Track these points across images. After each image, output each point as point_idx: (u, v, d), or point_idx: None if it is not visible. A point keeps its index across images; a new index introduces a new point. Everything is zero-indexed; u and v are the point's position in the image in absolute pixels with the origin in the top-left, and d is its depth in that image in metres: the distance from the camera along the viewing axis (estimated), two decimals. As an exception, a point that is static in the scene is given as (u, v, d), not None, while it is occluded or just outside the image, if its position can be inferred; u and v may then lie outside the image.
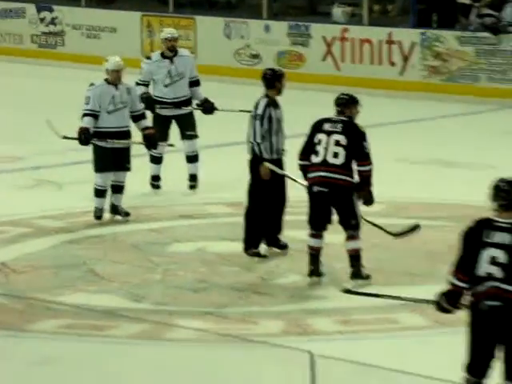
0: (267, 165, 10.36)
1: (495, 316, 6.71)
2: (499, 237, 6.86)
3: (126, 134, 12.06)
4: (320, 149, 9.98)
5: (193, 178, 13.37)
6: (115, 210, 12.13)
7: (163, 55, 13.42)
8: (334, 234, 10.05)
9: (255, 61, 20.89)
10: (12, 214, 12.74)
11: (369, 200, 9.46)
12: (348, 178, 9.22)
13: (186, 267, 10.93)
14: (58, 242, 11.85)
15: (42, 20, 23.84)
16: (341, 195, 9.29)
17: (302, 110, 13.58)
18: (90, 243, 11.78)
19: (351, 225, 9.32)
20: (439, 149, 15.20)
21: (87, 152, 12.35)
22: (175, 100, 13.28)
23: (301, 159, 9.86)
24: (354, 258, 9.29)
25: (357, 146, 9.59)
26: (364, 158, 9.44)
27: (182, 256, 11.34)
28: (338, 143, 9.74)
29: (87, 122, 11.79)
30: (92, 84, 12.11)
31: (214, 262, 11.07)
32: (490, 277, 6.87)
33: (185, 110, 13.32)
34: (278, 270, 10.77)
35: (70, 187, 13.75)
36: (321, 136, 9.95)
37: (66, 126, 12.81)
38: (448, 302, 7.00)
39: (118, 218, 12.23)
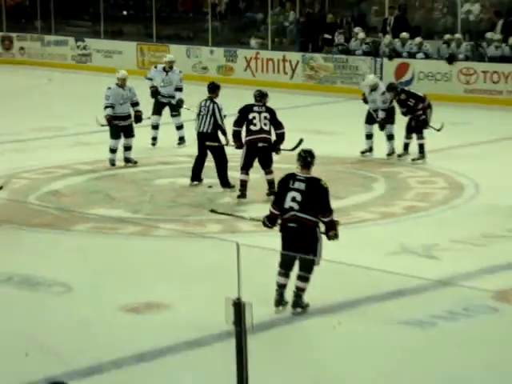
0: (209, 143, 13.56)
1: (294, 231, 8.82)
2: (297, 184, 8.98)
3: (129, 116, 15.56)
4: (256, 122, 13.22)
5: (180, 139, 16.94)
6: (128, 160, 15.41)
7: (164, 69, 17.35)
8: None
9: (204, 71, 25.84)
10: (60, 162, 15.60)
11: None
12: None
13: (163, 193, 13.88)
14: (87, 178, 14.71)
15: (78, 47, 28.02)
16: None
17: (235, 101, 14.87)
18: (107, 179, 14.73)
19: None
20: (311, 122, 18.15)
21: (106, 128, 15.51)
22: (166, 95, 17.07)
23: (235, 127, 13.21)
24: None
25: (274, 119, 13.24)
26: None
27: (161, 186, 14.23)
28: (265, 118, 13.28)
29: (109, 111, 15.25)
30: (109, 87, 15.62)
31: (180, 190, 13.94)
32: (291, 209, 8.92)
33: (172, 101, 17.03)
34: (220, 194, 13.59)
35: (96, 146, 16.50)
36: (252, 115, 13.29)
37: (95, 111, 16.09)
38: (269, 221, 9.18)
39: (130, 164, 15.34)
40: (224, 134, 13.93)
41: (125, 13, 29.26)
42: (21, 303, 9.33)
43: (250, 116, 13.44)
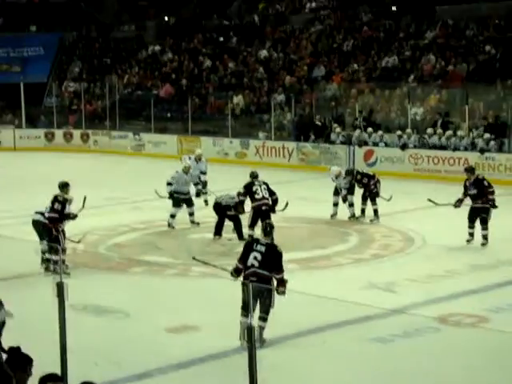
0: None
1: (254, 286, 8.04)
2: (259, 247, 8.72)
3: (188, 192, 15.27)
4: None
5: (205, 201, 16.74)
6: (192, 222, 15.01)
7: (195, 159, 17.69)
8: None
9: (226, 156, 25.81)
10: (121, 222, 15.45)
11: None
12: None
13: (196, 244, 13.86)
14: (141, 234, 14.61)
15: (135, 139, 28.29)
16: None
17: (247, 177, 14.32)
18: (156, 234, 14.61)
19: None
20: (302, 192, 17.26)
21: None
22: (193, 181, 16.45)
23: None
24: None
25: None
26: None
27: (194, 240, 14.24)
28: (264, 189, 13.76)
29: (170, 188, 14.98)
30: (177, 171, 15.26)
31: (207, 242, 13.86)
32: (252, 266, 8.61)
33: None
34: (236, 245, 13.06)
35: (147, 211, 16.54)
36: (255, 188, 13.69)
37: (148, 186, 16.10)
38: (235, 272, 8.76)
39: (194, 225, 14.94)
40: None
41: (169, 115, 29.48)
42: (92, 325, 9.31)
43: (254, 189, 13.60)
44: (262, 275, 8.55)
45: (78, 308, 9.36)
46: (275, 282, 8.57)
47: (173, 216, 14.99)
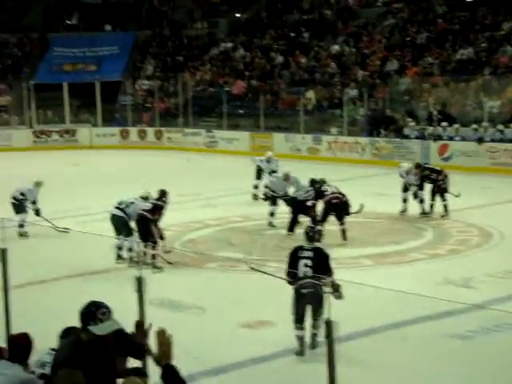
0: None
1: (310, 295, 7.92)
2: (306, 253, 8.28)
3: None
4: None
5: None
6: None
7: (266, 160, 17.96)
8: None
9: (298, 151, 25.78)
10: (195, 218, 15.43)
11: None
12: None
13: (269, 240, 13.81)
14: (214, 230, 14.58)
15: (208, 136, 28.63)
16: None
17: (320, 172, 14.86)
18: (229, 230, 14.55)
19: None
20: (376, 188, 17.39)
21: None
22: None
23: None
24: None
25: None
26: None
27: (268, 235, 14.14)
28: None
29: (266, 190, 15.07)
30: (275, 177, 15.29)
31: (281, 237, 13.84)
32: (305, 275, 8.08)
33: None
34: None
35: (220, 207, 16.61)
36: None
37: (221, 181, 16.46)
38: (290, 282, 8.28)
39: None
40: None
41: (241, 111, 29.59)
42: (169, 321, 9.33)
43: (322, 189, 13.80)
44: (316, 285, 8.10)
45: (155, 303, 9.44)
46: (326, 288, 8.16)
47: (272, 214, 14.88)
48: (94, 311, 4.33)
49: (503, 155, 21.21)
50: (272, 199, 14.86)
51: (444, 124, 22.69)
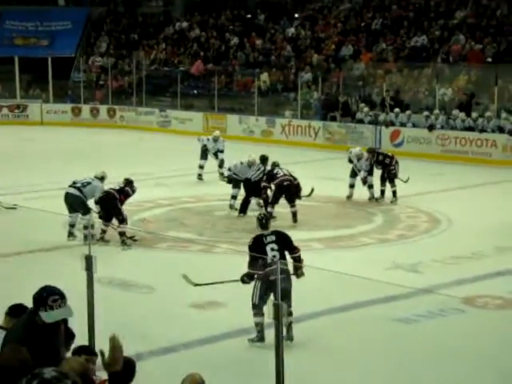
0: None
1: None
2: (269, 238, 8.18)
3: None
4: None
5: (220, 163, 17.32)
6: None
7: (213, 139, 17.94)
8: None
9: (251, 134, 25.68)
10: (146, 198, 14.82)
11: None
12: None
13: (221, 221, 13.86)
14: (166, 210, 14.55)
15: (161, 115, 28.34)
16: None
17: (274, 156, 14.85)
18: (181, 211, 14.59)
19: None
20: (328, 172, 17.50)
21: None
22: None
23: None
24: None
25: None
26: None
27: (219, 217, 14.18)
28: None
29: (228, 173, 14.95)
30: (241, 163, 14.59)
31: (232, 219, 13.91)
32: (274, 259, 7.89)
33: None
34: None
35: (172, 187, 16.35)
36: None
37: (173, 162, 15.61)
38: (247, 278, 8.03)
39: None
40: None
41: (195, 91, 29.45)
42: (118, 299, 9.38)
43: (274, 171, 13.74)
44: (286, 271, 7.82)
45: (104, 282, 9.42)
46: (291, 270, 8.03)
47: (234, 197, 14.73)
48: (45, 297, 4.28)
49: (453, 143, 21.49)
50: (234, 182, 14.72)
51: (396, 110, 22.90)
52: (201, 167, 17.79)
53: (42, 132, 27.63)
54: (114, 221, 12.30)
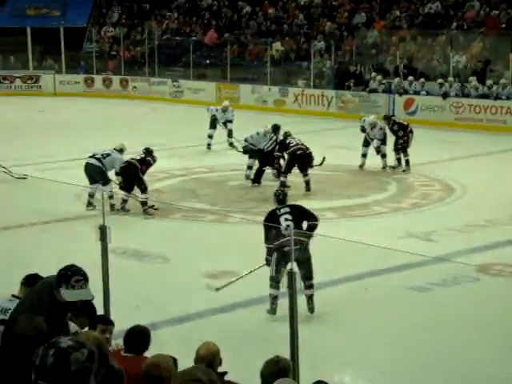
0: None
1: (296, 254, 6.64)
2: (283, 210, 8.17)
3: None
4: None
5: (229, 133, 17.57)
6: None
7: (222, 110, 17.94)
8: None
9: (264, 103, 25.59)
10: (160, 168, 14.23)
11: None
12: None
13: (234, 191, 13.81)
14: (179, 181, 14.55)
15: (174, 86, 28.13)
16: None
17: (287, 125, 14.92)
18: (194, 181, 14.54)
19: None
20: (341, 141, 17.41)
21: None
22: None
23: None
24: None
25: None
26: None
27: (233, 186, 14.10)
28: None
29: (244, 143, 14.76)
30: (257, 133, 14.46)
31: (246, 189, 13.92)
32: (288, 229, 7.71)
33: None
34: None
35: (186, 157, 16.36)
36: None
37: (187, 132, 15.60)
38: (269, 255, 7.95)
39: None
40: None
41: (208, 61, 29.31)
42: (132, 270, 9.43)
43: (287, 141, 13.71)
44: (302, 242, 7.77)
45: (118, 252, 9.48)
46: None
47: (249, 167, 14.68)
48: (69, 275, 4.27)
49: (467, 110, 21.34)
50: (251, 152, 14.59)
51: (410, 78, 22.73)
52: (210, 137, 17.80)
53: (56, 103, 27.62)
54: (134, 191, 12.35)
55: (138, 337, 4.84)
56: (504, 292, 8.55)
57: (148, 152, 12.65)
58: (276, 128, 14.49)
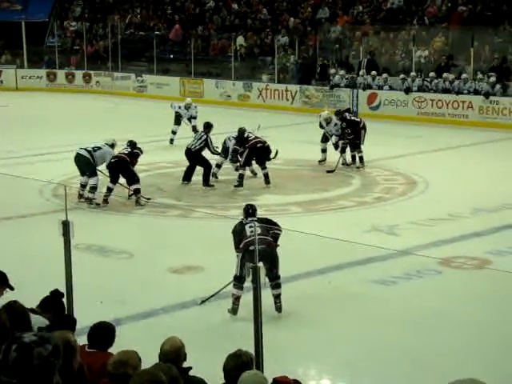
0: None
1: (261, 253, 6.45)
2: (249, 219, 8.01)
3: None
4: None
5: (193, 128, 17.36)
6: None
7: (185, 107, 17.92)
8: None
9: (228, 98, 25.55)
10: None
11: None
12: None
13: (198, 187, 13.52)
14: (145, 175, 13.72)
15: (137, 80, 28.01)
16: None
17: (250, 120, 15.59)
18: (158, 176, 14.47)
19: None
20: (305, 135, 17.13)
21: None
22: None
23: None
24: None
25: None
26: None
27: (196, 182, 13.63)
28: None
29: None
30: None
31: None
32: (252, 234, 7.58)
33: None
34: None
35: (150, 152, 15.21)
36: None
37: (147, 128, 15.37)
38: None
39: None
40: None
41: (171, 56, 29.18)
42: (96, 265, 9.36)
43: (245, 135, 13.59)
44: (268, 241, 7.74)
45: (82, 248, 9.41)
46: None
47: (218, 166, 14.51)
48: None
49: (430, 105, 21.51)
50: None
51: (373, 73, 22.84)
52: (173, 133, 17.87)
53: (18, 98, 27.30)
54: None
55: (103, 333, 4.81)
56: (466, 284, 8.66)
57: (132, 144, 12.76)
58: (208, 126, 14.28)
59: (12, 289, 5.30)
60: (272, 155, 13.89)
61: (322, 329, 7.62)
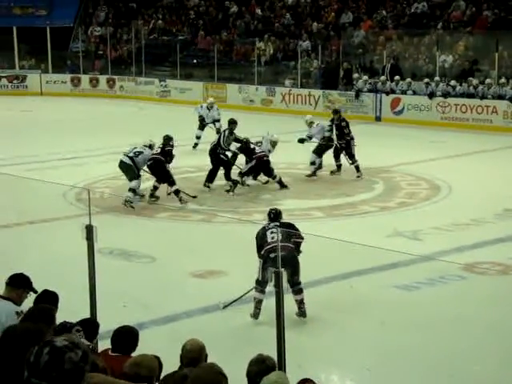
0: None
1: (282, 260, 6.01)
2: (272, 225, 8.01)
3: None
4: None
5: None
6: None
7: (207, 107, 18.06)
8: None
9: (251, 103, 25.63)
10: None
11: None
12: None
13: (221, 191, 13.67)
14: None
15: (161, 85, 28.17)
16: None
17: (274, 123, 16.05)
18: (181, 181, 13.84)
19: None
20: None
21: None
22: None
23: None
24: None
25: None
26: None
27: (219, 186, 13.92)
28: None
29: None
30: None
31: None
32: (273, 241, 7.65)
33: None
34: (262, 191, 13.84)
35: (176, 156, 15.45)
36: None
37: (174, 130, 15.03)
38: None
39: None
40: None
41: (194, 61, 29.28)
42: (119, 269, 9.39)
43: (251, 147, 13.72)
44: (288, 247, 7.71)
45: (105, 252, 9.44)
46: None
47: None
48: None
49: (454, 109, 21.40)
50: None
51: (397, 78, 22.77)
52: (197, 137, 17.89)
53: (42, 102, 27.51)
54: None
55: (126, 337, 4.83)
56: (490, 290, 8.58)
57: (164, 140, 13.15)
58: (231, 122, 14.30)
59: (36, 292, 5.33)
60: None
61: (344, 334, 7.60)
